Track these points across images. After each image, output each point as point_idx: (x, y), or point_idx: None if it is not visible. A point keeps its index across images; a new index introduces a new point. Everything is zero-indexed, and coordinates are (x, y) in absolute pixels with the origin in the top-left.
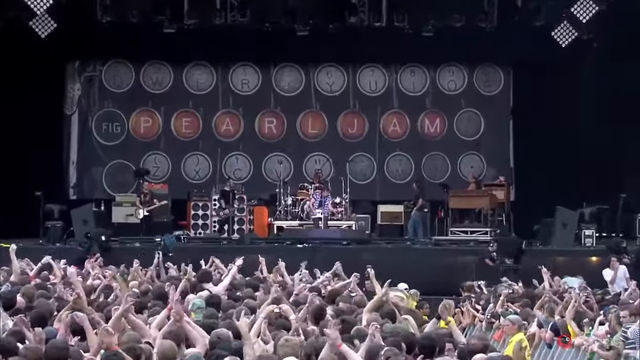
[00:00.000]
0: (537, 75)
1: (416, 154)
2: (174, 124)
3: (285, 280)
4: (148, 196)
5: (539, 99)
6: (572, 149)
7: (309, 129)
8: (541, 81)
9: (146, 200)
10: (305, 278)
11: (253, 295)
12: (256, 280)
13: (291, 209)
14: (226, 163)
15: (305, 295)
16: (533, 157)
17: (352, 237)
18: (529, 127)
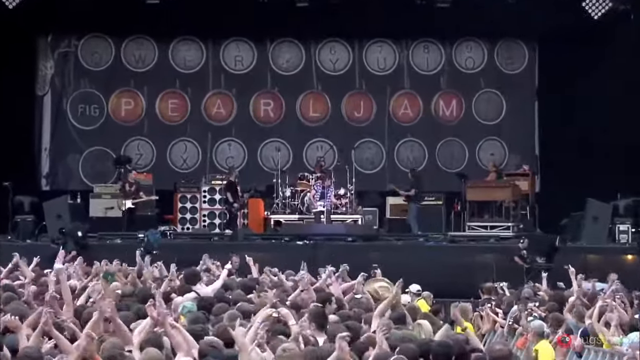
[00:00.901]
0: (565, 51)
1: (430, 139)
2: (158, 106)
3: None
4: (134, 187)
5: (568, 77)
6: (605, 134)
7: (310, 112)
8: (570, 58)
9: (131, 191)
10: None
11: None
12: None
13: (290, 201)
14: (217, 150)
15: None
16: (561, 143)
17: (357, 233)
18: (556, 109)
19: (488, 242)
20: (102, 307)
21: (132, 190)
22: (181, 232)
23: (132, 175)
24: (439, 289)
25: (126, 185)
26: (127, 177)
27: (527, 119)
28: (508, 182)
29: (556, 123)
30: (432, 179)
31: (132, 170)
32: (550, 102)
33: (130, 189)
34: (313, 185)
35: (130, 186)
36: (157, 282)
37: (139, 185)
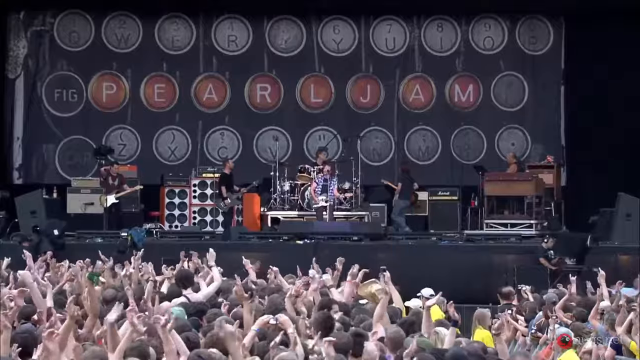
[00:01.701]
0: (595, 30)
1: (444, 128)
2: (143, 91)
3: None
4: (117, 180)
5: (598, 59)
6: (638, 122)
7: (311, 98)
8: (601, 36)
9: (114, 185)
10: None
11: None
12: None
13: (289, 196)
14: (209, 140)
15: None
16: (589, 132)
17: (364, 232)
18: (584, 94)
19: (508, 241)
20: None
21: (116, 184)
22: (168, 231)
23: (115, 169)
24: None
25: (109, 179)
26: (110, 170)
27: (552, 105)
28: (531, 175)
29: (584, 109)
30: (447, 171)
31: (115, 162)
32: (578, 86)
33: (114, 182)
34: (314, 179)
35: (113, 179)
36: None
37: (122, 178)
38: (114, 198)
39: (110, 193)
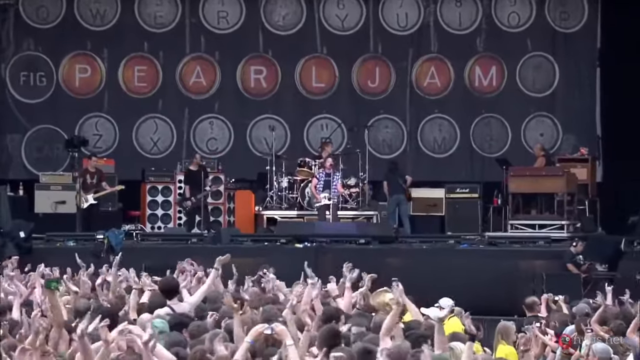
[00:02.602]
0: (636, 4)
1: (463, 116)
2: (122, 74)
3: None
4: (96, 177)
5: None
6: None
7: (313, 82)
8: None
9: (93, 184)
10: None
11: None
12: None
13: (287, 193)
14: (196, 130)
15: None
16: (628, 121)
17: (372, 233)
18: (623, 78)
19: (536, 245)
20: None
21: (94, 182)
22: (150, 233)
23: (93, 162)
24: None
25: (87, 176)
26: (88, 165)
27: (586, 90)
28: (562, 169)
29: (622, 95)
30: (466, 165)
31: (91, 155)
32: (615, 69)
33: (92, 180)
34: (316, 173)
35: (92, 177)
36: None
37: (101, 175)
38: (91, 198)
39: (88, 192)
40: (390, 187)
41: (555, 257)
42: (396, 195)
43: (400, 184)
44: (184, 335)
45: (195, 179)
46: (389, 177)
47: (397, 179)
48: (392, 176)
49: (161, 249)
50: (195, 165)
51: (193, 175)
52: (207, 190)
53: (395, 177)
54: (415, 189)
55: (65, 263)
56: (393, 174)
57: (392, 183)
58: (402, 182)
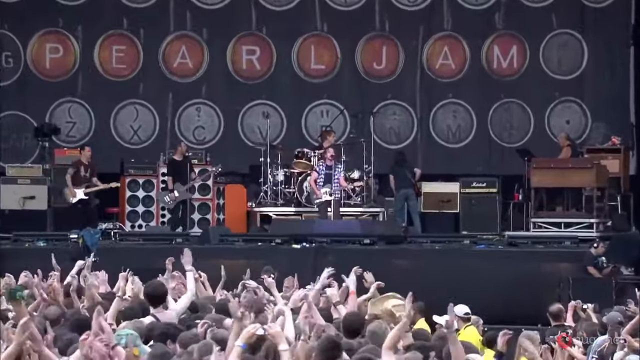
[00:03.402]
0: None
1: (479, 101)
2: (98, 54)
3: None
4: (89, 170)
5: None
6: None
7: (312, 63)
8: None
9: (84, 177)
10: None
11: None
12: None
13: (283, 188)
14: (181, 117)
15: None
16: None
17: (378, 233)
18: None
19: (562, 245)
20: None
21: (87, 175)
22: (130, 232)
23: (87, 153)
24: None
25: (81, 168)
26: (81, 157)
27: (618, 72)
28: (590, 161)
29: None
30: (483, 157)
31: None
32: None
33: (85, 174)
34: (316, 166)
35: (85, 170)
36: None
37: (94, 169)
38: (82, 193)
39: (80, 186)
40: (397, 181)
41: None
42: (404, 190)
43: (408, 178)
44: (171, 347)
45: (180, 170)
46: (395, 169)
47: (404, 172)
48: (399, 169)
49: (142, 250)
50: (180, 155)
51: (177, 166)
52: (192, 183)
53: (403, 170)
54: (426, 183)
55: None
56: (400, 166)
57: (400, 176)
58: (410, 175)
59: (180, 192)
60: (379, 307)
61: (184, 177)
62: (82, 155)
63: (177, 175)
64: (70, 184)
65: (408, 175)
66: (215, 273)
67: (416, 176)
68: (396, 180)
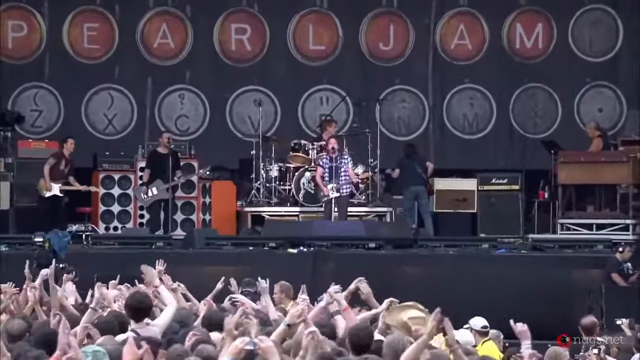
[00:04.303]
0: None
1: (500, 87)
2: (68, 33)
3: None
4: (69, 166)
5: None
6: None
7: (310, 44)
8: None
9: (63, 172)
10: None
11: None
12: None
13: (277, 185)
14: (162, 104)
15: None
16: None
17: (385, 236)
18: None
19: (593, 250)
20: None
21: (66, 171)
22: (105, 235)
23: (70, 146)
24: None
25: (62, 161)
26: (64, 149)
27: None
28: (626, 154)
29: None
30: (504, 149)
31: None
32: None
33: (65, 168)
34: (319, 160)
35: (66, 164)
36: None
37: (72, 166)
38: (57, 189)
39: (56, 181)
40: (406, 177)
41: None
42: (414, 187)
43: (419, 173)
44: None
45: (162, 165)
46: (404, 163)
47: (414, 167)
48: (408, 163)
49: (118, 255)
50: (164, 148)
51: (159, 160)
52: (175, 182)
53: (413, 164)
54: (440, 179)
55: None
56: (410, 160)
57: (409, 172)
58: (421, 170)
59: (159, 190)
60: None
61: (165, 174)
62: (65, 148)
63: (157, 170)
64: (47, 176)
65: (418, 170)
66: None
67: (428, 171)
68: (405, 176)
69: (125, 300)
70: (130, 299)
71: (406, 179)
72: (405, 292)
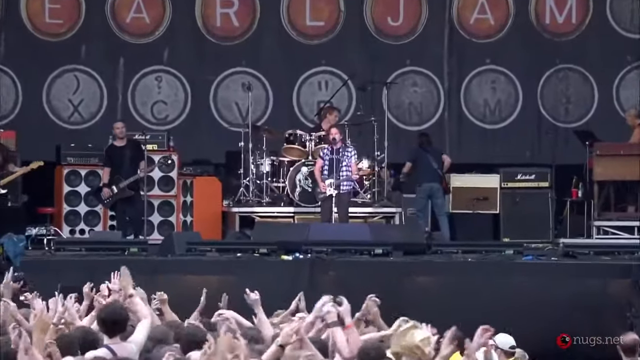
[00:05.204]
0: None
1: (526, 68)
2: (26, 6)
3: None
4: (2, 155)
5: None
6: None
7: (306, 19)
8: None
9: None
10: None
11: None
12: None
13: (269, 182)
14: (137, 88)
15: None
16: None
17: (393, 240)
18: None
19: (634, 257)
20: None
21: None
22: (69, 239)
23: None
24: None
25: None
26: None
27: None
28: None
29: None
30: (531, 140)
31: None
32: None
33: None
34: (320, 151)
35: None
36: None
37: (6, 153)
38: None
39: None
40: (419, 172)
41: None
42: (427, 184)
43: (434, 168)
44: None
45: (121, 160)
46: (417, 156)
47: (429, 160)
48: (422, 155)
49: (85, 262)
50: (119, 140)
51: (116, 154)
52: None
53: (427, 157)
54: (457, 175)
55: None
56: (423, 152)
57: (422, 166)
58: (436, 165)
59: (119, 189)
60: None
61: (124, 169)
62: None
63: (116, 166)
64: None
65: (434, 165)
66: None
67: (444, 166)
68: (418, 171)
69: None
70: (103, 311)
71: (419, 174)
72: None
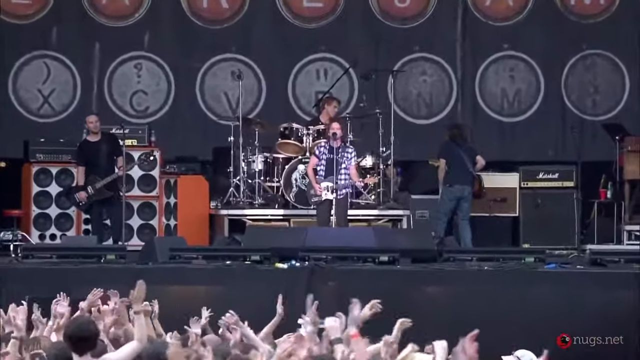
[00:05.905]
0: None
1: (549, 54)
2: None
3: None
4: None
5: None
6: None
7: (303, 0)
8: None
9: None
10: None
11: None
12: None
13: (262, 181)
14: (114, 77)
15: None
16: None
17: (401, 247)
18: None
19: None
20: None
21: None
22: (39, 245)
23: None
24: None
25: None
26: None
27: None
28: None
29: None
30: (554, 135)
31: None
32: None
33: None
34: (315, 148)
35: None
36: None
37: None
38: None
39: None
40: (451, 171)
41: None
42: (460, 187)
43: (468, 169)
44: None
45: (94, 155)
46: (449, 151)
47: (462, 158)
48: (455, 152)
49: (56, 271)
50: (95, 135)
51: (90, 150)
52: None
53: (460, 154)
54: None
55: None
56: (457, 149)
57: (455, 164)
58: (470, 165)
59: (95, 190)
60: None
61: (100, 167)
62: None
63: (90, 164)
64: None
65: (467, 165)
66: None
67: (477, 166)
68: (450, 170)
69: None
70: (69, 327)
71: (451, 173)
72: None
